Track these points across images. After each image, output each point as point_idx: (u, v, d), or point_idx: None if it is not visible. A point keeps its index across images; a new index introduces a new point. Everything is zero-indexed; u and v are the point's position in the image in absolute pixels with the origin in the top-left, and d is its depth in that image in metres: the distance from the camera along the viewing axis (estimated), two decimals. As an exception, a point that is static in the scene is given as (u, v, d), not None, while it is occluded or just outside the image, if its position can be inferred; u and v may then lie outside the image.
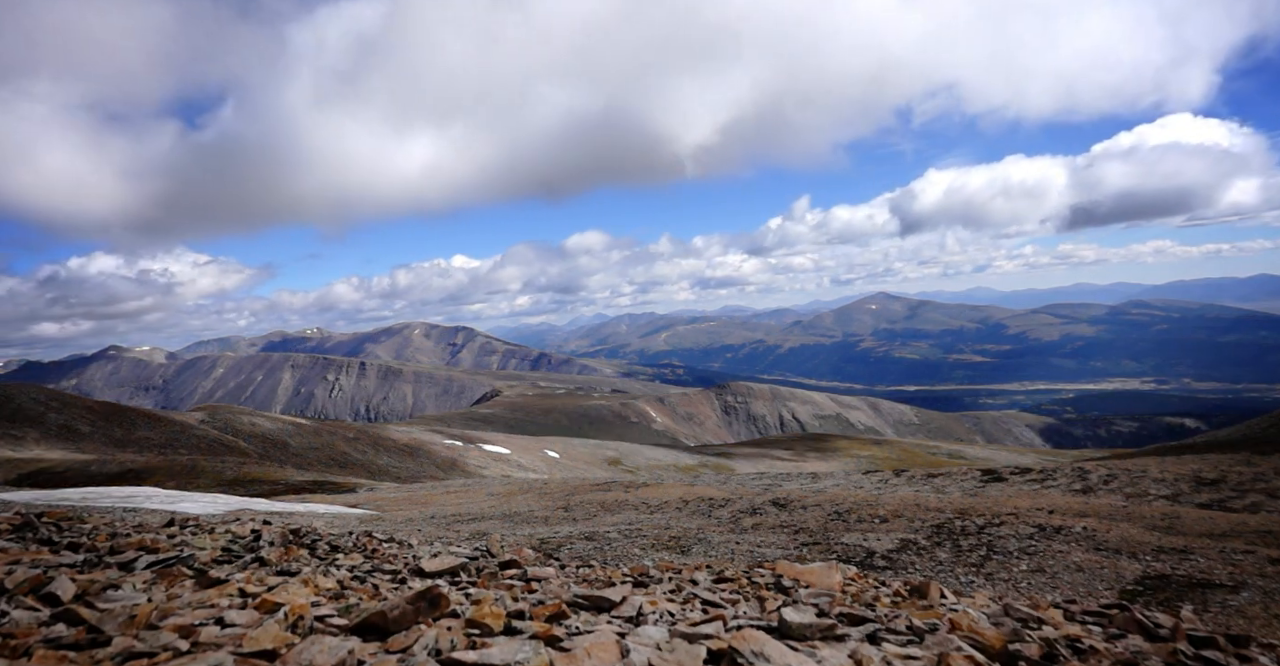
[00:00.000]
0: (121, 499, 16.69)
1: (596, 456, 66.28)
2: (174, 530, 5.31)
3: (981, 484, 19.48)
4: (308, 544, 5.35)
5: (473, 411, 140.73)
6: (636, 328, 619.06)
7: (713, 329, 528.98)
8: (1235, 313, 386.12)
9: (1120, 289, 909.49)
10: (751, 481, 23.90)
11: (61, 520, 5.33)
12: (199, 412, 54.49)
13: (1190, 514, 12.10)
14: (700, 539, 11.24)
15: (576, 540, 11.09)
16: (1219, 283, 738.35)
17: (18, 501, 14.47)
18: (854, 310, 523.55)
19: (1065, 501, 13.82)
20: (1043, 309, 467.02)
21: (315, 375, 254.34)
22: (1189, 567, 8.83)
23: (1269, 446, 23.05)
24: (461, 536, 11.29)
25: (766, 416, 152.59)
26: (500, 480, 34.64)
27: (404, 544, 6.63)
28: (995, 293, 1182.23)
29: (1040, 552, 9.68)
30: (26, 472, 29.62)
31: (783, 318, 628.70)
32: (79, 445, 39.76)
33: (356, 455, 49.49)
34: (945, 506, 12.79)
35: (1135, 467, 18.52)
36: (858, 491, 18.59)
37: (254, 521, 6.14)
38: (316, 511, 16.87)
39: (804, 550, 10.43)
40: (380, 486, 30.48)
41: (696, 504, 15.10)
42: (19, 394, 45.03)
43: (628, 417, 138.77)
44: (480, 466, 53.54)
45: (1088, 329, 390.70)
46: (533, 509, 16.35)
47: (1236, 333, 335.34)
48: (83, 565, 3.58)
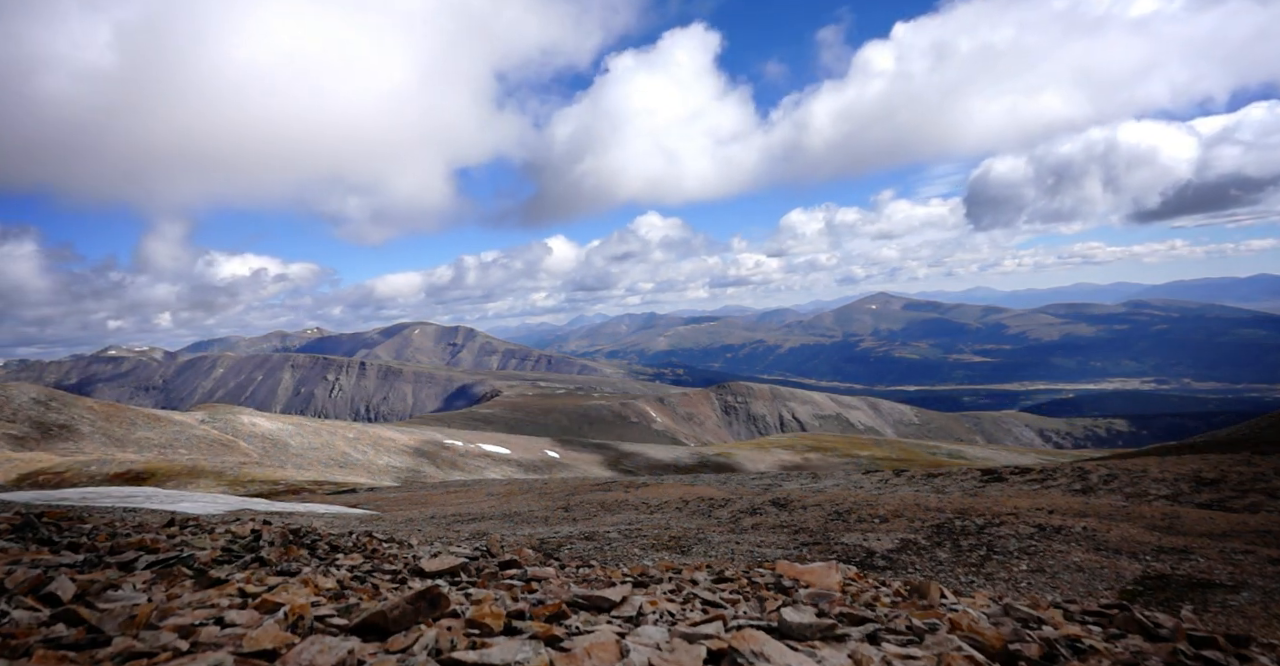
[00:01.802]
0: (121, 499, 16.69)
1: (596, 456, 66.29)
2: (174, 530, 5.31)
3: (981, 484, 19.47)
4: (308, 544, 5.35)
5: (473, 411, 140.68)
6: (637, 327, 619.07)
7: (713, 329, 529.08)
8: (1235, 312, 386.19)
9: (1120, 289, 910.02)
10: (751, 481, 23.89)
11: (61, 520, 5.33)
12: (199, 412, 54.49)
13: (1190, 514, 12.10)
14: (700, 539, 11.24)
15: (576, 540, 11.08)
16: (1219, 282, 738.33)
17: (18, 501, 14.47)
18: (854, 310, 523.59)
19: (1065, 501, 13.82)
20: (1043, 309, 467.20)
21: (315, 375, 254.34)
22: (1189, 567, 8.83)
23: (1269, 446, 23.04)
24: (461, 536, 11.28)
25: (766, 416, 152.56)
26: (500, 480, 34.64)
27: (404, 544, 6.63)
28: (995, 292, 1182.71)
29: (1040, 552, 9.68)
30: (26, 472, 29.61)
31: (783, 318, 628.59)
32: (79, 445, 39.77)
33: (356, 455, 49.49)
34: (945, 506, 12.79)
35: (1135, 467, 18.52)
36: (858, 491, 18.58)
37: (254, 521, 6.14)
38: (316, 511, 16.87)
39: (804, 550, 10.43)
40: (380, 486, 30.49)
41: (696, 504, 15.10)
42: (19, 394, 45.04)
43: (628, 417, 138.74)
44: (480, 466, 53.55)
45: (1088, 329, 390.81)
46: (533, 509, 16.35)
47: (1236, 332, 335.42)
48: (83, 565, 3.58)
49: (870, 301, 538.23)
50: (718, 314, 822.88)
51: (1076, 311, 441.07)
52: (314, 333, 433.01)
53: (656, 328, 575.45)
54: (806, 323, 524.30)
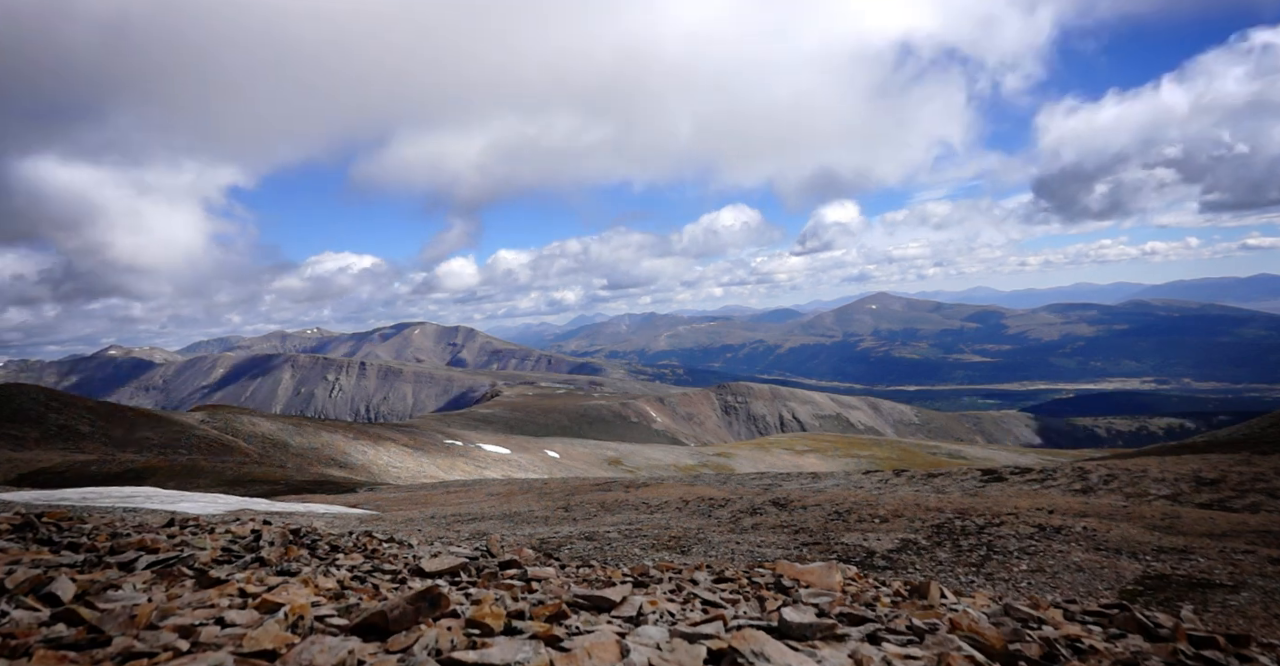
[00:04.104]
0: (121, 499, 16.70)
1: (596, 456, 66.28)
2: (174, 530, 5.31)
3: (981, 484, 19.47)
4: (308, 544, 5.35)
5: (473, 411, 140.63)
6: (637, 327, 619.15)
7: (713, 329, 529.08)
8: (1235, 312, 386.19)
9: (1120, 289, 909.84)
10: (751, 481, 23.89)
11: (61, 520, 5.33)
12: (199, 413, 54.49)
13: (1190, 514, 12.10)
14: (700, 539, 11.24)
15: (577, 540, 11.09)
16: (1219, 283, 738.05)
17: (18, 501, 14.48)
18: (854, 310, 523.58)
19: (1065, 501, 13.82)
20: (1043, 309, 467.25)
21: (315, 375, 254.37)
22: (1189, 567, 8.83)
23: (1269, 446, 23.04)
24: (461, 536, 11.29)
25: (766, 416, 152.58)
26: (500, 480, 34.66)
27: (404, 544, 6.63)
28: (995, 293, 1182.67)
29: (1040, 552, 9.68)
30: (26, 472, 29.61)
31: (783, 318, 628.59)
32: (79, 445, 39.77)
33: (356, 455, 49.49)
34: (945, 506, 12.79)
35: (1135, 467, 18.52)
36: (858, 491, 18.58)
37: (254, 521, 6.14)
38: (316, 511, 16.87)
39: (804, 550, 10.43)
40: (380, 486, 30.51)
41: (696, 504, 15.10)
42: (19, 394, 45.04)
43: (628, 417, 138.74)
44: (480, 466, 53.55)
45: (1088, 329, 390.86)
46: (533, 509, 16.35)
47: (1236, 332, 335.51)
48: (83, 565, 3.57)
49: (870, 301, 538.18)
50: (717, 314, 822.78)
51: (1076, 312, 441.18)
52: (314, 333, 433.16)
53: (656, 327, 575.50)
54: (806, 323, 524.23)
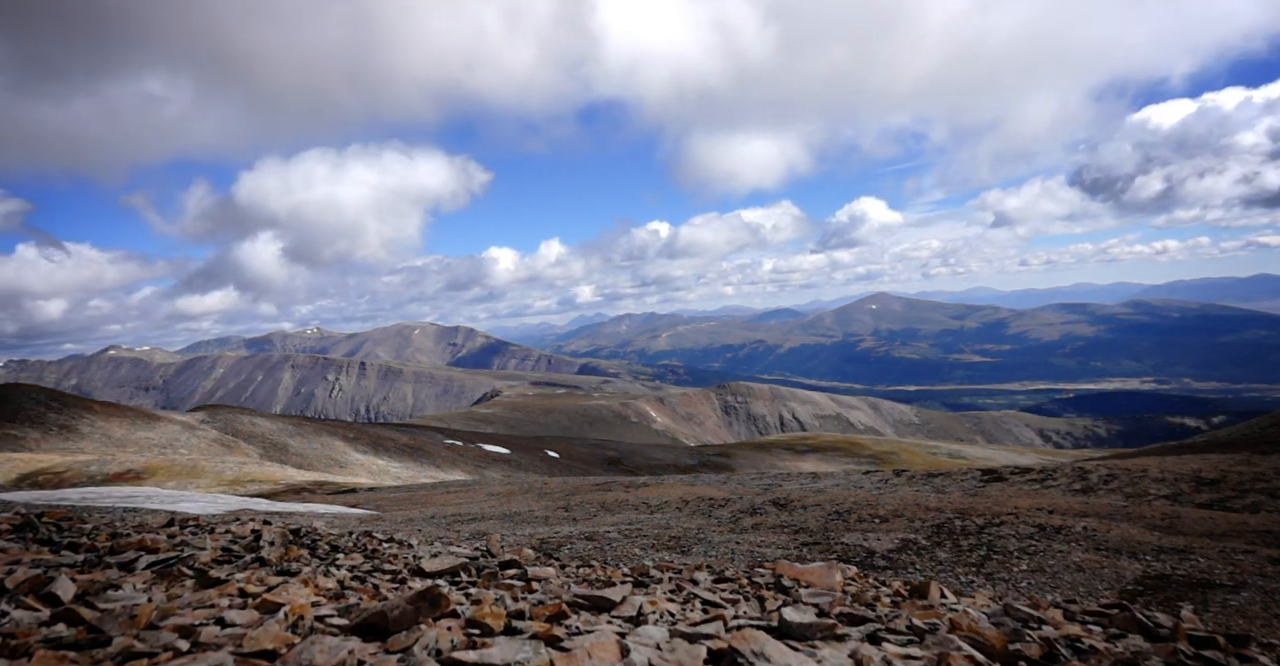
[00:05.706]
0: (121, 499, 16.71)
1: (596, 456, 66.29)
2: (174, 530, 5.31)
3: (981, 484, 19.47)
4: (308, 544, 5.36)
5: (473, 411, 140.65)
6: (636, 327, 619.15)
7: (713, 329, 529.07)
8: (1235, 312, 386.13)
9: (1120, 289, 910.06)
10: (751, 481, 23.88)
11: (61, 520, 5.33)
12: (199, 412, 54.48)
13: (1190, 514, 12.10)
14: (700, 539, 11.24)
15: (577, 540, 11.09)
16: (1219, 283, 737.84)
17: (18, 501, 14.49)
18: (854, 310, 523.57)
19: (1065, 501, 13.81)
20: (1042, 309, 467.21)
21: (315, 375, 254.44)
22: (1189, 567, 8.83)
23: (1269, 446, 23.04)
24: (461, 536, 11.29)
25: (766, 416, 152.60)
26: (500, 480, 34.68)
27: (404, 544, 6.63)
28: (995, 292, 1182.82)
29: (1040, 552, 9.68)
30: (26, 472, 29.61)
31: (783, 317, 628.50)
32: (79, 445, 39.76)
33: (356, 455, 49.49)
34: (945, 506, 12.79)
35: (1135, 467, 18.51)
36: (858, 491, 18.57)
37: (254, 521, 6.15)
38: (316, 511, 16.87)
39: (804, 550, 10.43)
40: (380, 486, 30.50)
41: (696, 504, 15.09)
42: (19, 394, 45.03)
43: (628, 417, 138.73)
44: (480, 466, 53.57)
45: (1088, 329, 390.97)
46: (533, 509, 16.35)
47: (1236, 332, 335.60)
48: (83, 565, 3.58)
49: (870, 301, 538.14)
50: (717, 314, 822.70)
51: (1076, 311, 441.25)
52: (314, 332, 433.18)
53: (656, 327, 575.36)
54: (806, 322, 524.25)
